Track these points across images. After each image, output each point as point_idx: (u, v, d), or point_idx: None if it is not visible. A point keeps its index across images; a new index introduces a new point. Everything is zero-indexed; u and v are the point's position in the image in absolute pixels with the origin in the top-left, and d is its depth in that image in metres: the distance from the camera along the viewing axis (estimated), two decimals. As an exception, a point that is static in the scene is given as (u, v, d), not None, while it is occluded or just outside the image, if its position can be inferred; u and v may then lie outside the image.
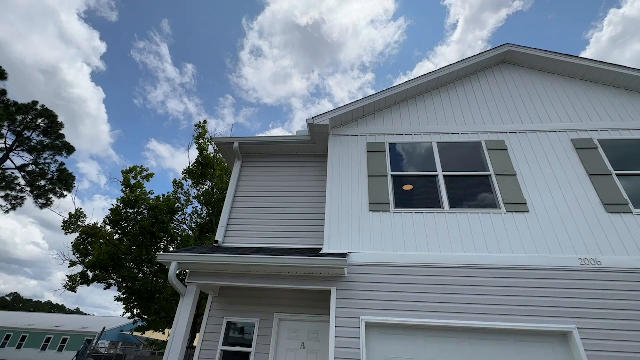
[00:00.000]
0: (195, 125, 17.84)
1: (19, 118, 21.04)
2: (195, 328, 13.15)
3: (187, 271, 5.04)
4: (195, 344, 13.65)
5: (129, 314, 16.57)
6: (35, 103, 22.00)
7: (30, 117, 21.30)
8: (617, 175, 5.18)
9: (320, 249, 5.18)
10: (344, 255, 4.67)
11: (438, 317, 4.28)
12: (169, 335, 4.87)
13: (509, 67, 6.88)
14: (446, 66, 6.59)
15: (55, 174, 22.07)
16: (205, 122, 17.77)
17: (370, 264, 4.76)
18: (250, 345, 5.18)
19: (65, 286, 16.09)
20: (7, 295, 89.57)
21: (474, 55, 6.70)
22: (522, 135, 5.81)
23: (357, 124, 6.41)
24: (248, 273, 4.83)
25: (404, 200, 5.41)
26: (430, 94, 6.67)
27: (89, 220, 17.40)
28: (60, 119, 22.54)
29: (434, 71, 6.55)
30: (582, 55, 6.65)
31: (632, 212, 4.79)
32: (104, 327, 20.95)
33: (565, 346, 4.06)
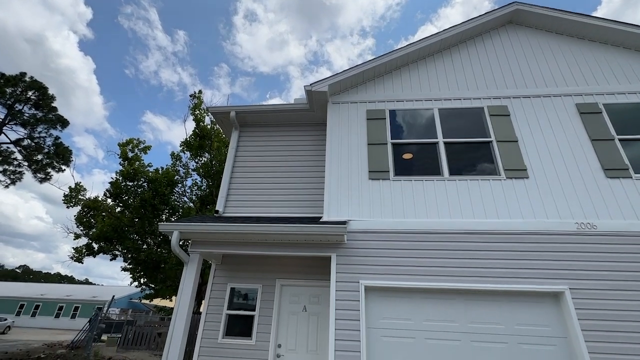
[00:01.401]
0: (190, 96, 17.40)
1: (8, 90, 20.43)
2: (200, 295, 13.66)
3: (190, 241, 5.12)
4: (201, 310, 14.29)
5: (136, 283, 17.16)
6: (23, 74, 21.26)
7: (19, 89, 20.69)
8: (620, 140, 5.12)
9: (320, 218, 5.23)
10: (343, 223, 4.72)
11: (435, 280, 4.42)
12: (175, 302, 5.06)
13: (515, 28, 6.56)
14: (450, 27, 6.28)
15: (52, 147, 21.83)
16: (200, 92, 17.31)
17: (370, 231, 4.83)
18: (253, 309, 5.39)
19: (71, 257, 16.49)
20: (17, 268, 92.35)
21: (480, 15, 6.37)
22: (525, 100, 5.66)
23: (357, 90, 6.22)
24: (249, 241, 4.91)
25: (404, 168, 5.38)
26: (432, 58, 6.41)
27: (90, 194, 17.50)
28: (50, 91, 21.91)
29: (437, 33, 6.25)
30: (593, 15, 6.32)
31: (631, 177, 4.79)
32: (113, 296, 21.75)
33: (557, 305, 4.23)
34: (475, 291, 4.37)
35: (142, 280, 16.95)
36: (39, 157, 21.81)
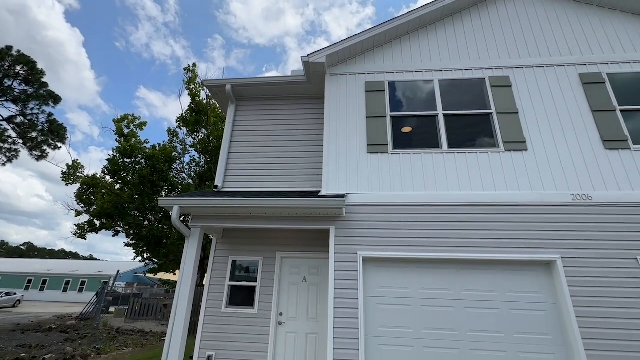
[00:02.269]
0: (185, 69, 16.92)
1: (-4, 65, 19.71)
2: (203, 269, 14.04)
3: (190, 216, 5.18)
4: (204, 283, 14.71)
5: (139, 258, 17.56)
6: (9, 48, 20.43)
7: (7, 63, 19.98)
8: (621, 110, 5.06)
9: (319, 191, 5.27)
10: (342, 196, 4.77)
11: (432, 251, 4.53)
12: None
13: (521, -7, 6.27)
14: (453, -7, 5.99)
15: (46, 125, 21.44)
16: (194, 65, 16.81)
17: (368, 204, 4.89)
18: (255, 281, 5.56)
19: (74, 234, 16.75)
20: (21, 245, 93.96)
21: (484, -20, 6.06)
22: (528, 70, 5.53)
23: (355, 61, 6.05)
24: (249, 215, 4.97)
25: (403, 141, 5.35)
26: (433, 26, 6.18)
27: (88, 172, 17.47)
28: (39, 66, 21.20)
29: (439, 0, 5.98)
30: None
31: (630, 148, 4.79)
32: (118, 270, 22.33)
33: (548, 273, 4.38)
34: (470, 261, 4.50)
35: (145, 256, 17.34)
36: (34, 134, 21.47)
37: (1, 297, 23.69)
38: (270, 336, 5.17)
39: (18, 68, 20.41)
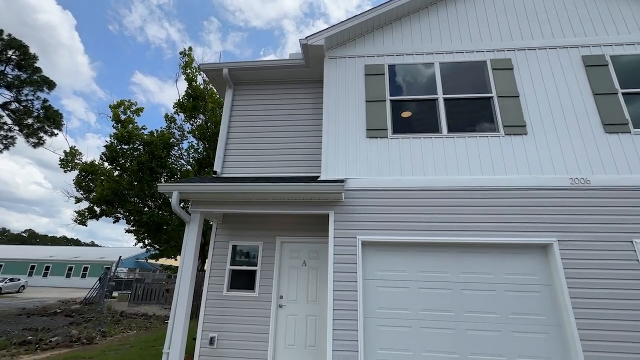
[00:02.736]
0: (180, 53, 16.60)
1: (-13, 49, 19.27)
2: (203, 254, 14.21)
3: (190, 202, 5.19)
4: (205, 268, 14.94)
5: (140, 244, 17.72)
6: (0, 32, 19.94)
7: (-2, 48, 19.51)
8: (623, 94, 5.01)
9: (318, 177, 5.27)
10: (341, 181, 4.77)
11: (430, 235, 4.58)
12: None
13: (525, -29, 6.08)
14: (455, -29, 5.81)
15: (41, 111, 21.17)
16: (190, 49, 16.48)
17: (367, 189, 4.90)
18: (255, 265, 5.64)
19: (75, 220, 16.83)
20: (22, 232, 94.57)
21: (488, -43, 5.86)
22: (530, 52, 5.44)
23: (355, 43, 5.92)
24: (248, 200, 4.98)
25: (402, 126, 5.31)
26: (434, 7, 6.02)
27: (86, 158, 17.38)
28: (32, 50, 20.73)
29: (441, -22, 5.81)
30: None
31: (630, 132, 4.77)
32: (120, 256, 22.60)
33: (545, 256, 4.44)
34: (468, 244, 4.56)
35: (146, 242, 17.49)
36: (29, 121, 21.24)
37: (5, 283, 24.04)
38: (271, 318, 5.28)
39: (10, 52, 19.96)
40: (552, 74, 5.26)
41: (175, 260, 21.74)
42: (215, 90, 15.62)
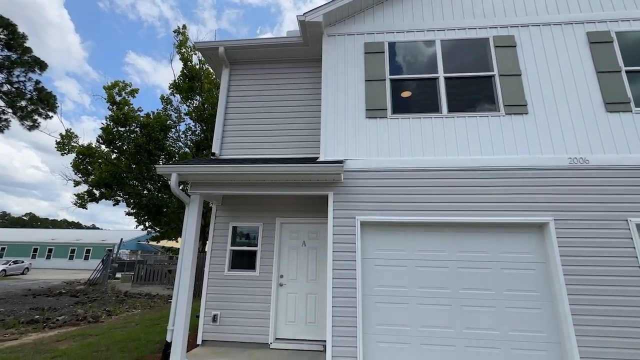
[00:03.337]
0: (174, 32, 16.11)
1: (-26, 29, 18.62)
2: (204, 236, 14.38)
3: (189, 184, 5.19)
4: (206, 249, 15.17)
5: (141, 227, 17.89)
6: (-14, 10, 19.19)
7: (-15, 27, 18.85)
8: (627, 71, 4.93)
9: (317, 157, 5.25)
10: (340, 162, 4.76)
11: (428, 215, 4.62)
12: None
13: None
14: (459, -58, 5.56)
15: (34, 93, 20.76)
16: (184, 27, 15.98)
17: (366, 170, 4.90)
18: (256, 246, 5.72)
19: (75, 203, 16.89)
20: (23, 216, 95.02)
21: None
22: (534, 28, 5.30)
23: (354, 20, 5.75)
24: (247, 182, 4.99)
25: (402, 106, 5.24)
26: (437, -20, 5.79)
27: (82, 141, 17.22)
28: (20, 30, 20.07)
29: (444, -50, 5.56)
30: None
31: (631, 111, 4.73)
32: (121, 238, 22.87)
33: (540, 235, 4.52)
34: (466, 224, 4.61)
35: (147, 224, 17.64)
36: (23, 103, 20.86)
37: (9, 265, 24.42)
38: (272, 296, 5.42)
39: (-2, 32, 19.29)
40: (555, 52, 5.15)
41: (176, 242, 22.04)
42: (211, 71, 15.30)
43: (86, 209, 17.31)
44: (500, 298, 4.36)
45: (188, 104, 16.56)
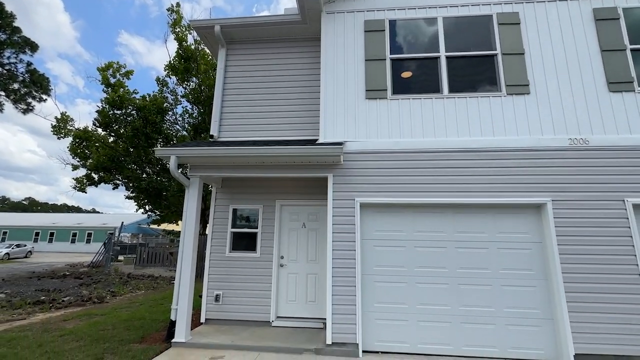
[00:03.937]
0: (168, 10, 15.60)
1: (-41, 8, 17.96)
2: (204, 219, 14.49)
3: (188, 167, 5.17)
4: (206, 232, 15.30)
5: (141, 210, 17.97)
6: (-30, -13, 18.45)
7: (-29, 6, 18.18)
8: (632, 50, 4.83)
9: (317, 139, 5.22)
10: (339, 144, 4.74)
11: (427, 196, 4.65)
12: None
13: None
14: None
15: (26, 75, 20.30)
16: (178, 5, 15.46)
17: (366, 151, 4.88)
18: (256, 228, 5.78)
19: (74, 187, 16.89)
20: (22, 200, 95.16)
21: None
22: (539, 5, 5.15)
23: (354, -4, 5.55)
24: (247, 164, 4.97)
25: (402, 86, 5.16)
26: (441, -46, 5.57)
27: (78, 124, 17.02)
28: (8, 9, 19.38)
29: None
30: None
31: (634, 90, 4.68)
32: (122, 222, 23.06)
33: (538, 215, 4.57)
34: (464, 205, 4.65)
35: (147, 207, 17.71)
36: (15, 86, 20.44)
37: (12, 248, 24.72)
38: (273, 277, 5.52)
39: (-16, 11, 18.64)
40: (560, 30, 5.02)
41: (177, 225, 22.21)
42: (207, 51, 14.93)
43: (85, 192, 17.33)
44: (496, 277, 4.46)
45: (184, 85, 16.25)
